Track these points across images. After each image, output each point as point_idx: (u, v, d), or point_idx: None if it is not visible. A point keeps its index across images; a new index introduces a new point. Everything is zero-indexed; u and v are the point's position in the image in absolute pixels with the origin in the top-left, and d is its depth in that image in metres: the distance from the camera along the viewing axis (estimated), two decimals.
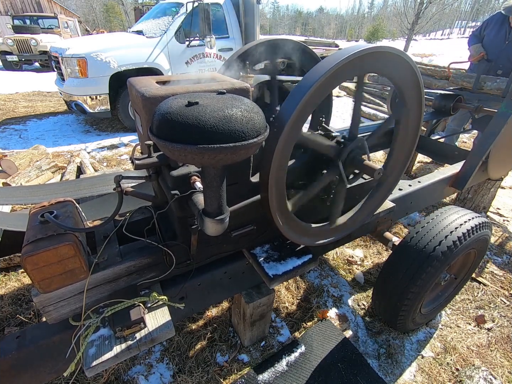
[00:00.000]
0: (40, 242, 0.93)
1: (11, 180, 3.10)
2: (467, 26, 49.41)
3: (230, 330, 1.92)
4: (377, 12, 76.70)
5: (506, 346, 1.89)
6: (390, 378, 1.71)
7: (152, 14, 6.22)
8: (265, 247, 1.52)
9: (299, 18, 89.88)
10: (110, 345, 1.08)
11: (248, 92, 1.25)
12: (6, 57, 11.99)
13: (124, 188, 1.10)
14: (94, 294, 1.16)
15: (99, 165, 4.00)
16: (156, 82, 1.27)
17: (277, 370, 1.70)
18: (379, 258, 2.59)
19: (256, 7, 5.84)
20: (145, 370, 1.69)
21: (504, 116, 2.13)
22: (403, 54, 1.17)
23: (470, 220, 1.63)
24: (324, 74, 0.98)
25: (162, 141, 0.75)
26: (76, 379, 1.60)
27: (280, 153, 1.05)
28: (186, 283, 1.35)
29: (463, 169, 2.24)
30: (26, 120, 6.14)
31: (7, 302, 2.02)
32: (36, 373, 1.15)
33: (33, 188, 1.88)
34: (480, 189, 2.94)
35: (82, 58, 4.75)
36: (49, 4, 21.15)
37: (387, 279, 1.70)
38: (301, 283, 2.30)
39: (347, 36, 63.48)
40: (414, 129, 1.47)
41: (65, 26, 15.18)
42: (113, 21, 40.64)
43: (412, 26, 16.57)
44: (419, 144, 2.78)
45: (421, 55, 18.19)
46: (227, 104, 0.78)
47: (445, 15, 38.73)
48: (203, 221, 0.95)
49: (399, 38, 38.24)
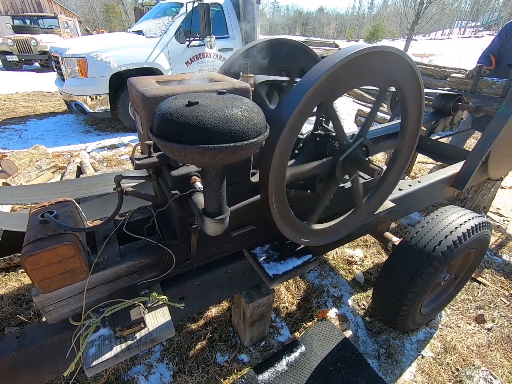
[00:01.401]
0: (40, 242, 0.93)
1: (11, 180, 3.10)
2: (467, 26, 49.41)
3: (230, 330, 1.92)
4: (377, 12, 76.71)
5: (506, 346, 1.89)
6: (390, 378, 1.71)
7: (152, 14, 6.22)
8: (265, 247, 1.52)
9: (299, 18, 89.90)
10: (110, 345, 1.08)
11: (248, 92, 1.24)
12: (6, 57, 11.99)
13: (124, 188, 1.10)
14: (94, 294, 1.16)
15: (99, 165, 4.00)
16: (156, 82, 1.27)
17: (277, 370, 1.70)
18: (379, 258, 2.59)
19: (256, 7, 5.84)
20: (145, 370, 1.69)
21: (504, 116, 2.13)
22: (403, 54, 1.17)
23: (470, 220, 1.63)
24: (324, 74, 0.98)
25: (162, 141, 0.75)
26: (76, 379, 1.60)
27: (280, 153, 1.05)
28: (186, 283, 1.35)
29: (463, 169, 2.24)
30: (26, 120, 6.14)
31: (7, 302, 2.02)
32: (36, 373, 1.15)
33: (33, 188, 1.88)
34: (480, 189, 2.94)
35: (82, 58, 4.75)
36: (49, 4, 21.14)
37: (387, 279, 1.70)
38: (301, 283, 2.30)
39: (347, 36, 63.48)
40: (414, 130, 1.47)
41: (65, 26, 15.19)
42: (113, 21, 40.61)
43: (412, 26, 16.59)
44: (419, 144, 2.79)
45: (421, 55, 18.18)
46: (227, 104, 0.78)
47: (445, 15, 38.73)
48: (203, 221, 0.95)
49: (399, 38, 38.25)
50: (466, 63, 11.52)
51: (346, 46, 1.11)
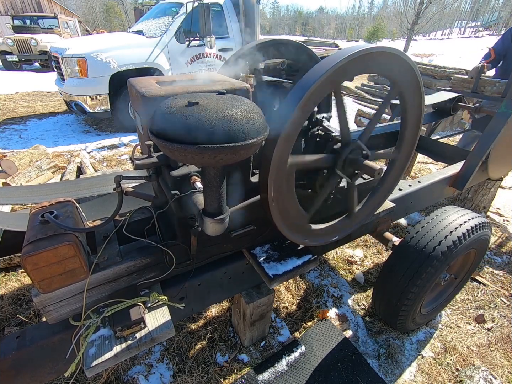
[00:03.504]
0: (40, 242, 0.93)
1: (11, 180, 3.10)
2: (467, 26, 49.40)
3: (230, 330, 1.92)
4: (377, 12, 76.67)
5: (506, 346, 1.89)
6: (390, 378, 1.71)
7: (152, 14, 6.23)
8: (265, 247, 1.52)
9: (299, 18, 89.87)
10: (110, 345, 1.08)
11: (248, 92, 1.25)
12: (6, 57, 11.98)
13: (124, 188, 1.10)
14: (94, 294, 1.16)
15: (99, 165, 4.00)
16: (156, 83, 1.27)
17: (277, 370, 1.70)
18: (379, 258, 2.59)
19: (256, 7, 5.84)
20: (145, 370, 1.69)
21: (504, 116, 2.13)
22: (403, 55, 1.17)
23: (470, 220, 1.63)
24: (323, 74, 0.98)
25: (162, 141, 0.75)
26: (76, 379, 1.60)
27: (280, 153, 1.05)
28: (186, 283, 1.35)
29: (463, 169, 2.24)
30: (26, 120, 6.14)
31: (7, 302, 2.02)
32: (36, 373, 1.15)
33: (33, 188, 1.88)
34: (480, 189, 2.94)
35: (82, 58, 4.75)
36: (49, 4, 21.14)
37: (387, 279, 1.70)
38: (301, 283, 2.30)
39: (347, 36, 63.46)
40: (414, 130, 1.47)
41: (65, 26, 15.19)
42: (113, 21, 40.63)
43: (412, 26, 16.60)
44: (419, 144, 2.78)
45: (421, 55, 18.18)
46: (227, 104, 0.78)
47: (445, 15, 38.71)
48: (203, 221, 0.95)
49: (399, 38, 38.25)
50: (466, 63, 11.53)
51: (346, 46, 1.11)
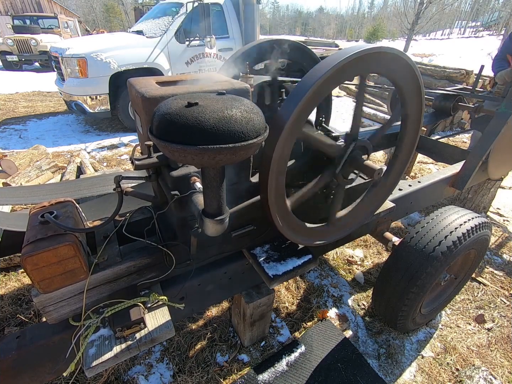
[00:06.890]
0: (40, 242, 0.93)
1: (11, 180, 3.10)
2: (467, 26, 49.34)
3: (230, 330, 1.92)
4: (377, 12, 76.60)
5: (506, 346, 1.89)
6: (390, 378, 1.71)
7: (152, 14, 6.22)
8: (265, 247, 1.52)
9: (299, 18, 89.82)
10: (110, 345, 1.08)
11: (248, 92, 1.24)
12: (6, 57, 11.99)
13: (124, 188, 1.10)
14: (94, 294, 1.16)
15: (99, 165, 4.00)
16: (156, 83, 1.27)
17: (277, 370, 1.70)
18: (379, 258, 2.59)
19: (256, 7, 5.84)
20: (145, 370, 1.69)
21: (504, 116, 2.13)
22: (403, 55, 1.17)
23: (470, 220, 1.63)
24: (323, 75, 0.98)
25: (162, 142, 0.75)
26: (76, 379, 1.60)
27: (280, 153, 1.05)
28: (186, 283, 1.35)
29: (463, 169, 2.24)
30: (26, 120, 6.14)
31: (7, 302, 2.02)
32: (36, 373, 1.15)
33: (33, 188, 1.88)
34: (480, 189, 2.94)
35: (82, 58, 4.75)
36: (49, 4, 21.14)
37: (387, 279, 1.70)
38: (301, 283, 2.30)
39: (347, 36, 63.36)
40: (414, 130, 1.47)
41: (65, 26, 15.18)
42: (113, 21, 40.58)
43: (412, 26, 16.59)
44: (419, 144, 2.78)
45: (421, 55, 18.15)
46: (227, 104, 0.78)
47: (445, 15, 38.69)
48: (203, 222, 0.95)
49: (399, 38, 38.20)
50: (466, 63, 11.52)
51: (346, 46, 1.11)
